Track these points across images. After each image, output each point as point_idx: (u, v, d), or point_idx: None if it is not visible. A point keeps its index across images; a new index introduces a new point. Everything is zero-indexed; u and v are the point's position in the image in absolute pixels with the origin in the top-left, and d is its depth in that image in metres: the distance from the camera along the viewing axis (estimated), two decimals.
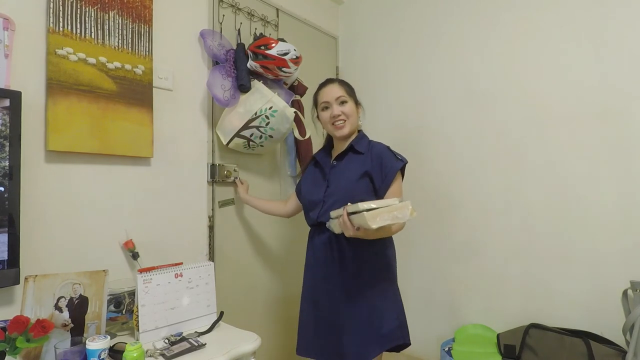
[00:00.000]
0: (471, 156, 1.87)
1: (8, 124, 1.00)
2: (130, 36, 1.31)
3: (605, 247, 1.49)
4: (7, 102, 1.00)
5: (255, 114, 1.53)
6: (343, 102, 1.32)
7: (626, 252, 1.44)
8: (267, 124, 1.56)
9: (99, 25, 1.23)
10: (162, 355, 1.01)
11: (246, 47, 1.63)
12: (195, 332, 1.18)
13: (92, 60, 1.21)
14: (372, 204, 1.01)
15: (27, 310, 0.96)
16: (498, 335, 1.60)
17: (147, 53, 1.35)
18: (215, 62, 1.60)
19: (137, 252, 1.31)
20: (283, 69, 1.62)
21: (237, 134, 1.56)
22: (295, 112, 1.64)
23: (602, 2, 1.51)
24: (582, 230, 1.55)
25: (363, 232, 1.09)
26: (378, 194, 1.27)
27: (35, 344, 0.90)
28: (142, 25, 1.35)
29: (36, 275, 0.99)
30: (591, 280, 1.52)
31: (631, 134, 1.45)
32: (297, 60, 1.65)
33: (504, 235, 1.75)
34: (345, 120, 1.31)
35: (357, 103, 1.38)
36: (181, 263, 1.24)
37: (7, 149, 0.99)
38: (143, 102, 1.33)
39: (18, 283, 1.01)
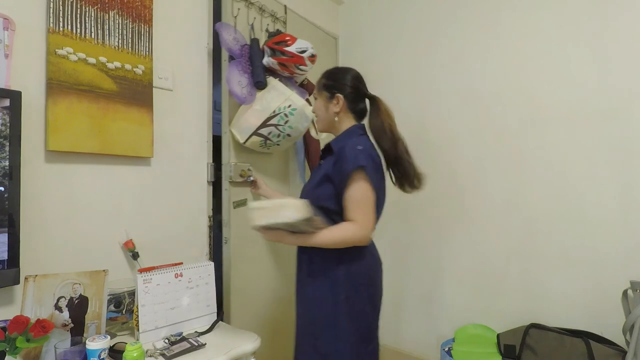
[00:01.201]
0: (471, 156, 1.87)
1: (8, 124, 1.00)
2: (130, 36, 1.31)
3: (605, 247, 1.49)
4: (7, 102, 1.00)
5: (274, 112, 1.52)
6: (315, 99, 1.27)
7: (626, 252, 1.44)
8: (286, 122, 1.54)
9: (99, 25, 1.23)
10: (162, 355, 1.01)
11: (260, 43, 1.61)
12: (195, 332, 1.18)
13: (92, 60, 1.21)
14: (262, 202, 1.01)
15: (27, 310, 0.96)
16: (498, 335, 1.60)
17: (147, 53, 1.35)
18: (231, 57, 1.56)
19: (137, 252, 1.31)
20: (300, 66, 1.61)
21: (255, 132, 1.54)
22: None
23: (602, 3, 1.51)
24: (582, 230, 1.55)
25: (272, 235, 1.06)
26: (339, 200, 1.09)
27: (35, 344, 0.90)
28: (142, 25, 1.35)
29: (36, 275, 0.99)
30: (591, 280, 1.52)
31: (631, 134, 1.45)
32: (313, 59, 1.64)
33: (504, 235, 1.75)
34: (317, 117, 1.25)
35: (330, 96, 1.19)
36: (181, 263, 1.24)
37: (7, 149, 0.99)
38: (143, 102, 1.33)
39: (18, 283, 1.01)
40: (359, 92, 1.22)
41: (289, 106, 1.52)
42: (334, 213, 1.09)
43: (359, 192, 1.06)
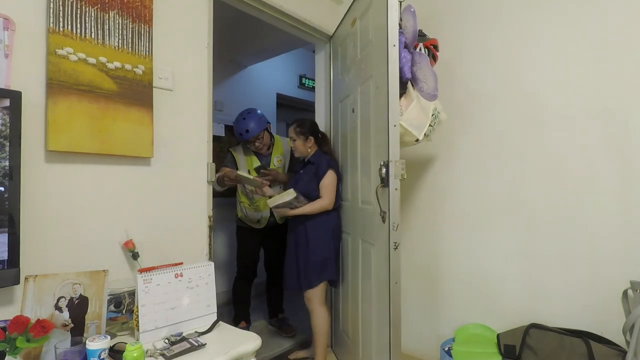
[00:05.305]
0: (471, 156, 1.87)
1: (8, 124, 1.00)
2: (130, 36, 1.31)
3: (605, 247, 1.49)
4: (7, 102, 1.00)
5: (432, 112, 1.58)
6: (293, 140, 1.98)
7: (626, 252, 1.44)
8: (435, 123, 1.61)
9: (99, 25, 1.23)
10: (162, 355, 1.01)
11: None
12: (195, 332, 1.18)
13: (92, 60, 1.21)
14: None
15: (27, 310, 0.97)
16: (498, 335, 1.60)
17: (147, 53, 1.35)
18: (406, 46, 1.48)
19: (137, 252, 1.31)
20: None
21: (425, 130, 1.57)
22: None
23: (602, 3, 1.51)
24: (582, 230, 1.55)
25: (281, 210, 1.91)
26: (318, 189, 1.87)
27: (35, 344, 0.90)
28: (142, 25, 1.35)
29: (36, 275, 0.99)
30: (591, 280, 1.52)
31: (631, 134, 1.45)
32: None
33: (504, 235, 1.75)
34: (295, 150, 2.01)
35: (306, 137, 1.96)
36: (181, 263, 1.24)
37: (7, 149, 0.99)
38: (143, 102, 1.33)
39: (18, 283, 1.01)
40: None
41: (436, 109, 1.61)
42: (317, 197, 1.87)
43: (328, 179, 1.87)
